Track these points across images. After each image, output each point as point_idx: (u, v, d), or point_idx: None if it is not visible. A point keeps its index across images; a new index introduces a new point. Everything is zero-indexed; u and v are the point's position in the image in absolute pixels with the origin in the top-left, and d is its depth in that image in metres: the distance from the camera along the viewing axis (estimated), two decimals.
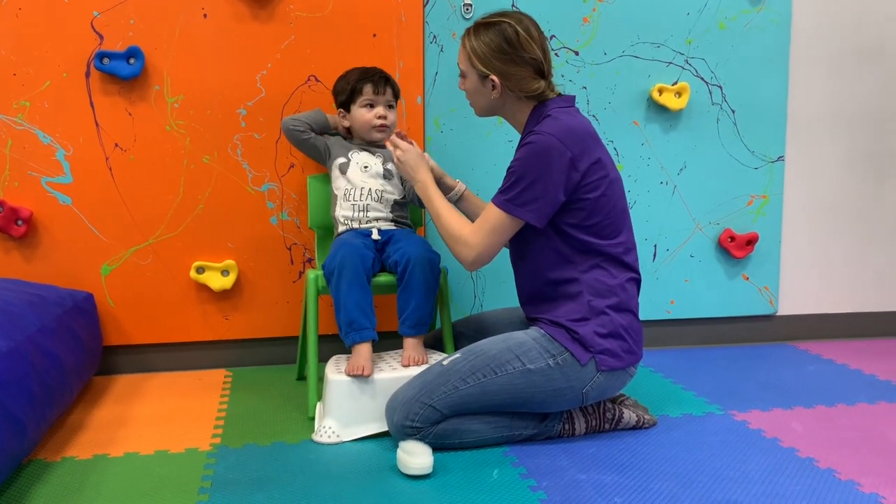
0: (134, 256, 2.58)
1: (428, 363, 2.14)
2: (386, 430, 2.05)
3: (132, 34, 2.48)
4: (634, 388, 2.40)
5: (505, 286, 2.75)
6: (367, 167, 2.37)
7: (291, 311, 2.68)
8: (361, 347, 2.12)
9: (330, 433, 2.06)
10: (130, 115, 2.52)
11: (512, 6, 2.66)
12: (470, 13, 2.65)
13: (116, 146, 2.53)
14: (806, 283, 3.02)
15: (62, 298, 2.31)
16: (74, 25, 2.45)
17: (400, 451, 1.86)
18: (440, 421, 1.96)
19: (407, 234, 2.33)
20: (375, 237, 2.28)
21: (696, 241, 2.91)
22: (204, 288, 2.62)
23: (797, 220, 2.98)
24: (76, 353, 2.22)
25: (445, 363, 2.01)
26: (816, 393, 2.41)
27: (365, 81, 2.35)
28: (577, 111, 2.07)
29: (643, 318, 2.17)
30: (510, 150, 2.69)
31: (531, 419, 2.04)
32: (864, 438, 2.06)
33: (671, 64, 2.80)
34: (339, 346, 2.32)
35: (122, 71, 2.46)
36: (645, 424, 2.13)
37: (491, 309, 2.55)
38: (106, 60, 2.46)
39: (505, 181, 2.00)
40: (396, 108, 2.43)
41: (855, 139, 2.99)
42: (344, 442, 2.06)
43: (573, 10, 2.72)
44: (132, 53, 2.47)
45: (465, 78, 2.11)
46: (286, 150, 2.59)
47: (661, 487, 1.78)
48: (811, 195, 2.98)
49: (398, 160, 2.20)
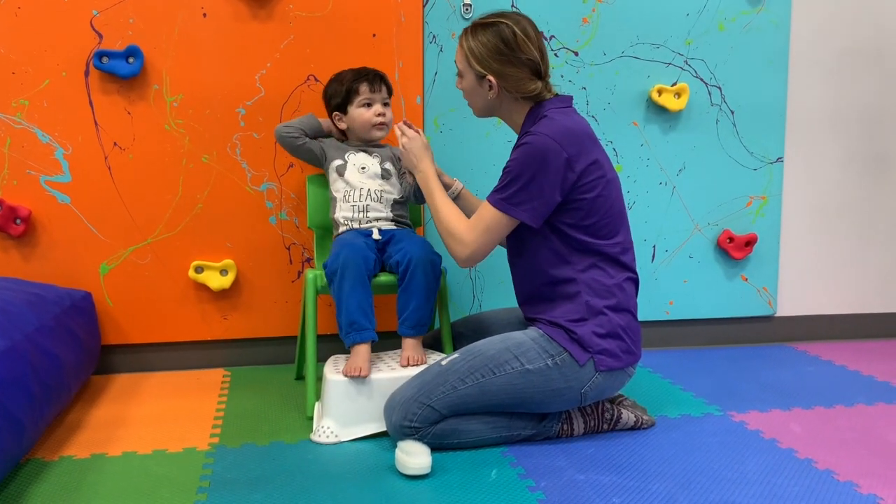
0: (132, 256, 2.57)
1: (427, 363, 2.14)
2: (384, 430, 2.04)
3: (131, 33, 2.48)
4: (633, 388, 2.40)
5: (503, 286, 2.75)
6: (364, 168, 2.36)
7: (290, 310, 2.68)
8: (361, 348, 2.12)
9: (328, 433, 2.06)
10: (129, 114, 2.52)
11: (511, 6, 2.66)
12: (469, 13, 2.65)
13: (115, 145, 2.53)
14: (805, 284, 3.02)
15: (60, 297, 2.31)
16: (74, 24, 2.45)
17: (398, 451, 1.86)
18: (439, 421, 1.96)
19: (408, 234, 2.33)
20: (376, 237, 2.28)
21: (695, 241, 2.91)
22: (202, 287, 2.62)
23: (796, 221, 2.98)
24: (74, 352, 2.22)
25: (444, 363, 2.00)
26: (815, 394, 2.41)
27: (360, 81, 2.35)
28: (574, 111, 2.07)
29: (642, 318, 2.17)
30: (509, 150, 2.67)
31: (530, 419, 2.04)
32: (862, 439, 2.06)
33: (670, 65, 2.80)
34: (337, 345, 2.32)
35: (121, 70, 2.46)
36: (643, 425, 2.13)
37: (490, 309, 2.55)
38: (105, 59, 2.46)
39: (500, 180, 2.01)
40: (391, 106, 2.43)
41: (854, 140, 2.99)
42: (342, 442, 2.05)
43: (573, 10, 2.72)
44: (131, 52, 2.47)
45: (462, 78, 2.11)
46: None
47: (659, 488, 1.78)
48: (810, 196, 2.98)
49: (403, 147, 2.19)
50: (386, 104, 2.40)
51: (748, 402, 2.34)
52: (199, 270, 2.60)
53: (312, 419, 2.17)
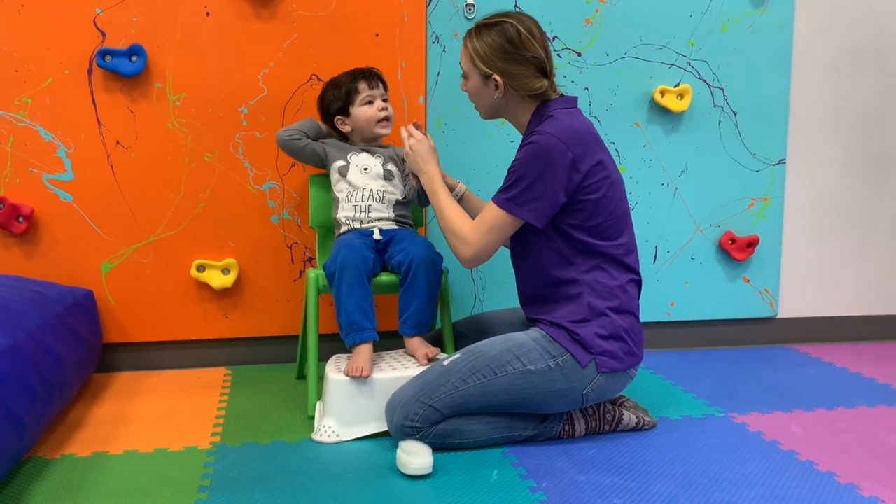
0: (135, 254, 2.58)
1: (437, 355, 2.15)
2: (386, 429, 2.04)
3: (134, 32, 2.48)
4: (634, 389, 2.40)
5: (505, 286, 2.75)
6: (367, 169, 2.36)
7: (292, 309, 2.68)
8: (362, 348, 2.12)
9: (329, 433, 2.06)
10: (132, 112, 2.52)
11: (514, 7, 2.66)
12: (472, 13, 2.65)
13: (118, 144, 2.53)
14: (806, 285, 3.02)
15: (62, 296, 2.31)
16: (77, 23, 2.45)
17: (400, 450, 1.86)
18: (440, 421, 1.96)
19: (410, 234, 2.33)
20: (377, 237, 2.28)
21: (696, 243, 2.91)
22: (204, 286, 2.62)
23: (798, 222, 2.98)
24: (76, 350, 2.22)
25: (446, 363, 2.00)
26: (816, 396, 2.41)
27: (358, 80, 2.36)
28: (578, 112, 2.07)
29: (643, 319, 2.17)
30: (512, 150, 2.68)
31: (531, 420, 2.04)
32: (863, 442, 2.06)
33: (673, 66, 2.80)
34: (339, 345, 2.32)
35: (124, 68, 2.46)
36: (645, 426, 2.13)
37: (491, 309, 2.55)
38: (108, 58, 2.46)
39: (506, 180, 2.01)
40: (390, 101, 2.43)
41: (856, 142, 2.99)
42: (343, 441, 2.05)
43: (576, 11, 2.72)
44: (134, 51, 2.47)
45: (467, 79, 2.11)
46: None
47: (660, 489, 1.78)
48: (812, 198, 2.98)
49: (409, 149, 2.19)
50: (385, 99, 2.40)
51: (749, 403, 2.34)
52: (200, 269, 2.60)
53: (314, 418, 2.17)
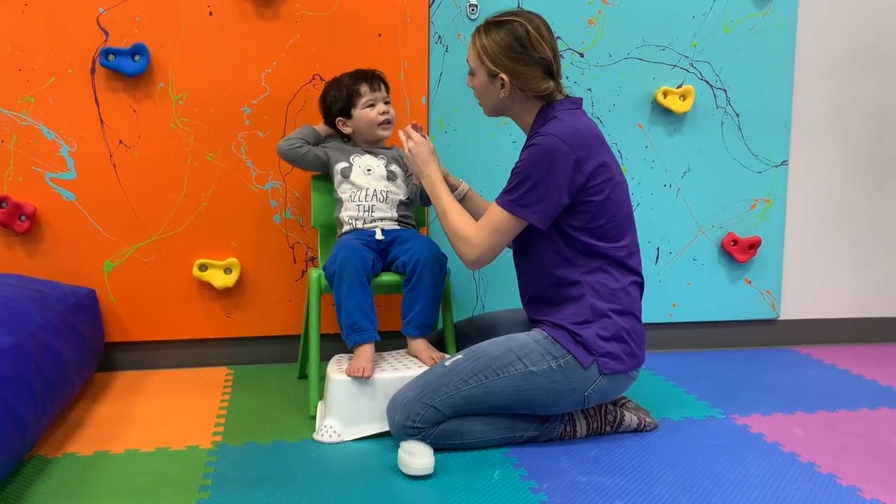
0: (137, 253, 2.58)
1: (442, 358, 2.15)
2: (387, 430, 2.04)
3: (138, 31, 2.48)
4: (636, 390, 2.39)
5: (507, 287, 2.75)
6: (370, 170, 2.36)
7: (293, 309, 2.68)
8: (363, 348, 2.12)
9: (331, 432, 2.06)
10: (135, 111, 2.52)
11: (518, 6, 2.65)
12: (475, 13, 2.65)
13: (120, 143, 2.53)
14: (808, 287, 3.02)
15: (65, 294, 2.31)
16: (80, 22, 2.45)
17: (401, 451, 1.86)
18: (441, 422, 1.96)
19: (413, 234, 2.33)
20: (379, 237, 2.28)
21: (698, 244, 2.90)
22: (206, 285, 2.62)
23: (800, 224, 2.98)
24: (78, 349, 2.22)
25: (447, 364, 2.00)
26: (818, 398, 2.41)
27: (360, 82, 2.35)
28: (583, 113, 2.06)
29: (645, 320, 2.17)
30: (514, 151, 2.69)
31: (532, 421, 2.04)
32: (865, 444, 2.06)
33: (676, 67, 2.80)
34: (340, 345, 2.32)
35: (127, 68, 2.47)
36: (646, 427, 2.13)
37: (493, 310, 2.55)
38: (111, 57, 2.46)
39: (509, 181, 2.00)
40: (391, 103, 2.42)
41: (859, 144, 2.99)
42: (345, 441, 2.06)
43: (579, 12, 2.72)
44: (137, 50, 2.47)
45: (473, 76, 2.10)
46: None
47: (661, 491, 1.78)
48: (815, 199, 2.98)
49: (409, 151, 2.18)
50: (387, 102, 2.40)
51: (751, 405, 2.34)
52: (203, 268, 2.60)
53: (315, 418, 2.17)
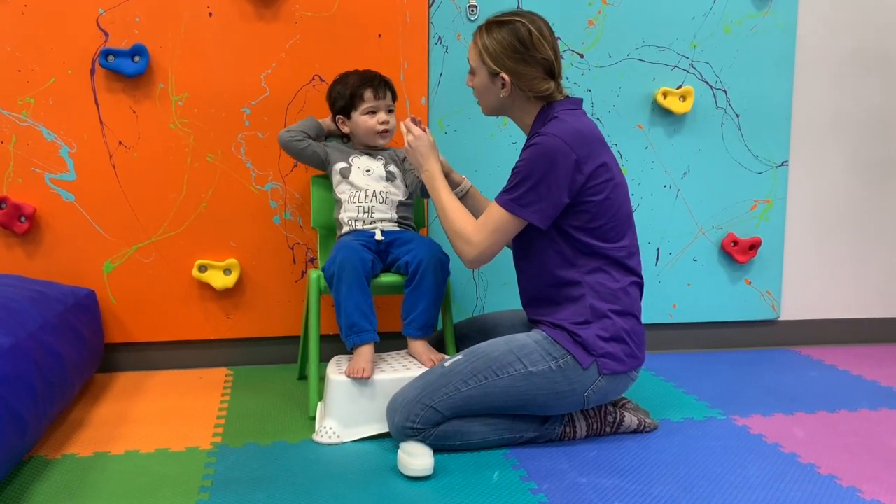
0: (136, 254, 2.58)
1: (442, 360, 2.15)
2: (387, 430, 2.04)
3: (137, 32, 2.48)
4: (636, 391, 2.39)
5: (507, 288, 2.74)
6: (369, 171, 2.36)
7: (293, 310, 2.68)
8: (363, 349, 2.12)
9: (331, 433, 2.06)
10: (135, 112, 2.52)
11: (518, 7, 2.65)
12: (475, 14, 2.65)
13: (120, 144, 2.53)
14: (808, 288, 3.02)
15: (64, 295, 2.31)
16: (80, 23, 2.45)
17: (400, 452, 1.86)
18: (441, 422, 1.96)
19: (415, 235, 2.33)
20: (379, 238, 2.28)
21: (698, 245, 2.90)
22: (206, 286, 2.62)
23: (800, 225, 2.98)
24: (78, 349, 2.22)
25: (447, 364, 2.00)
26: (818, 398, 2.41)
27: (365, 87, 2.33)
28: (583, 114, 2.06)
29: (645, 321, 2.17)
30: (514, 151, 2.69)
31: (532, 422, 2.03)
32: (865, 445, 2.06)
33: (676, 67, 2.80)
34: (340, 346, 2.32)
35: (126, 69, 2.47)
36: (646, 428, 2.13)
37: (493, 311, 2.55)
38: (111, 58, 2.46)
39: (509, 181, 2.00)
40: (395, 110, 2.41)
41: (859, 144, 2.99)
42: (345, 442, 2.05)
43: (578, 12, 2.72)
44: (137, 51, 2.47)
45: (473, 75, 2.09)
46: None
47: (661, 492, 1.78)
48: (815, 200, 2.98)
49: (408, 145, 2.16)
50: (390, 110, 2.38)
51: (751, 406, 2.33)
52: (202, 269, 2.60)
53: (315, 419, 2.17)
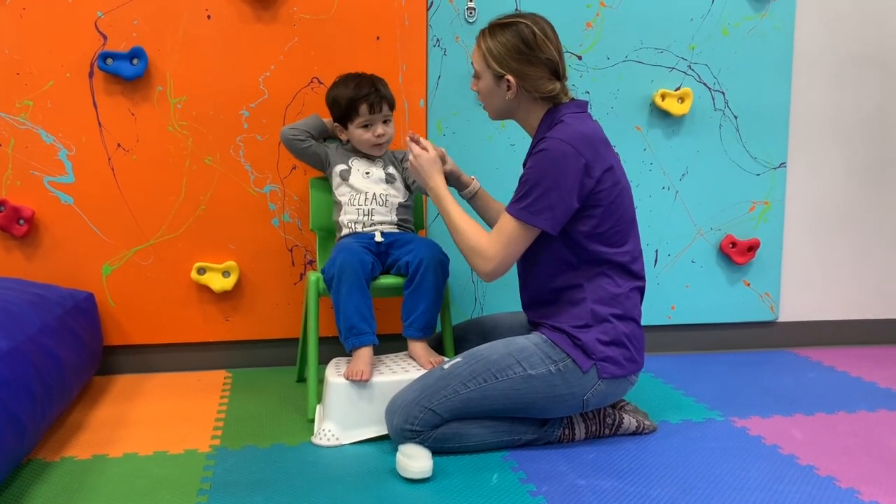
0: (135, 257, 2.58)
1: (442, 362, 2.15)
2: (385, 433, 2.04)
3: (136, 35, 2.48)
4: (635, 393, 2.39)
5: (506, 290, 2.74)
6: (368, 173, 2.36)
7: (292, 312, 2.68)
8: (362, 352, 2.12)
9: (329, 436, 2.05)
10: (133, 115, 2.52)
11: (516, 10, 2.66)
12: (473, 17, 2.65)
13: (119, 146, 2.53)
14: (807, 289, 3.02)
15: (63, 298, 2.31)
16: (78, 26, 2.45)
17: (399, 454, 1.86)
18: (440, 425, 1.95)
19: (414, 236, 2.33)
20: (378, 239, 2.28)
21: (697, 246, 2.90)
22: (205, 289, 2.62)
23: (799, 226, 2.98)
24: (77, 352, 2.22)
25: (446, 367, 2.00)
26: (817, 400, 2.41)
27: (360, 102, 2.30)
28: (588, 117, 2.05)
29: (644, 323, 2.17)
30: (512, 153, 2.70)
31: (531, 424, 2.03)
32: (864, 446, 2.06)
33: (674, 69, 2.80)
34: (339, 348, 2.32)
35: (125, 71, 2.47)
36: (645, 430, 2.13)
37: (492, 313, 2.55)
38: (109, 61, 2.46)
39: (518, 190, 1.97)
40: (393, 117, 2.39)
41: (857, 146, 2.99)
42: (343, 445, 2.05)
43: (576, 14, 2.72)
44: (136, 54, 2.47)
45: (478, 79, 2.07)
46: (288, 152, 2.58)
47: (660, 494, 1.78)
48: (813, 202, 2.98)
49: (411, 164, 2.14)
50: (387, 121, 2.35)
51: (750, 407, 2.33)
52: (201, 272, 2.60)
53: (313, 422, 2.17)
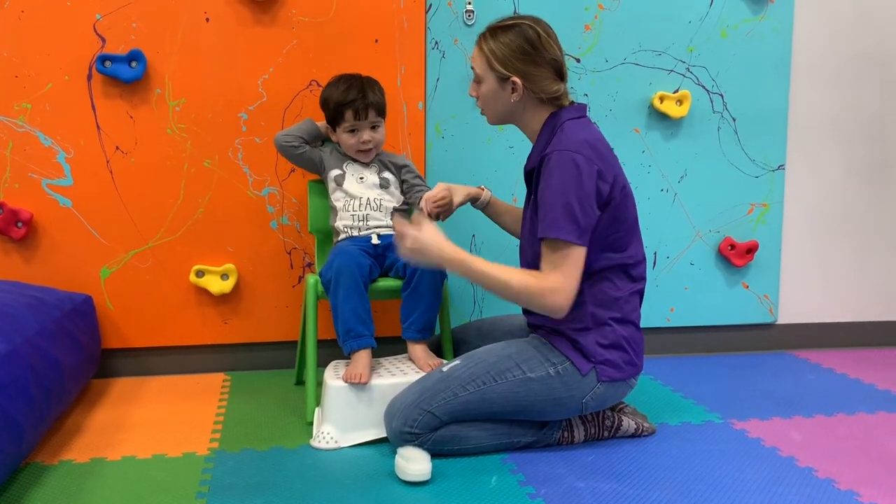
0: (134, 259, 2.57)
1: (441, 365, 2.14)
2: (384, 436, 2.04)
3: (134, 37, 2.48)
4: (634, 395, 2.39)
5: None
6: (363, 178, 2.36)
7: (291, 315, 2.67)
8: (360, 354, 2.12)
9: (328, 439, 2.05)
10: (132, 118, 2.52)
11: (514, 12, 2.66)
12: (472, 20, 2.65)
13: (117, 149, 2.53)
14: (806, 291, 3.02)
15: (61, 301, 2.31)
16: (77, 28, 2.45)
17: (398, 457, 1.86)
18: (439, 427, 1.95)
19: None
20: (375, 242, 2.28)
21: (696, 248, 2.90)
22: (203, 291, 2.62)
23: (797, 228, 2.98)
24: (75, 355, 2.22)
25: (445, 369, 2.00)
26: (816, 402, 2.41)
27: (346, 107, 2.28)
28: (588, 121, 2.03)
29: (643, 325, 2.16)
30: (511, 156, 2.70)
31: (530, 426, 2.03)
32: (863, 448, 2.06)
33: (672, 72, 2.81)
34: (338, 351, 2.31)
35: (123, 74, 2.47)
36: (644, 432, 2.13)
37: (491, 315, 2.54)
38: (108, 63, 2.46)
39: (541, 211, 1.90)
40: (383, 123, 2.36)
41: (856, 148, 2.99)
42: (342, 448, 2.05)
43: (575, 17, 2.72)
44: (134, 56, 2.47)
45: (479, 83, 2.03)
46: None
47: (659, 496, 1.78)
48: (812, 204, 2.98)
49: (409, 253, 1.94)
50: (374, 127, 2.33)
51: (749, 409, 2.33)
52: (199, 274, 2.59)
53: (312, 424, 2.17)
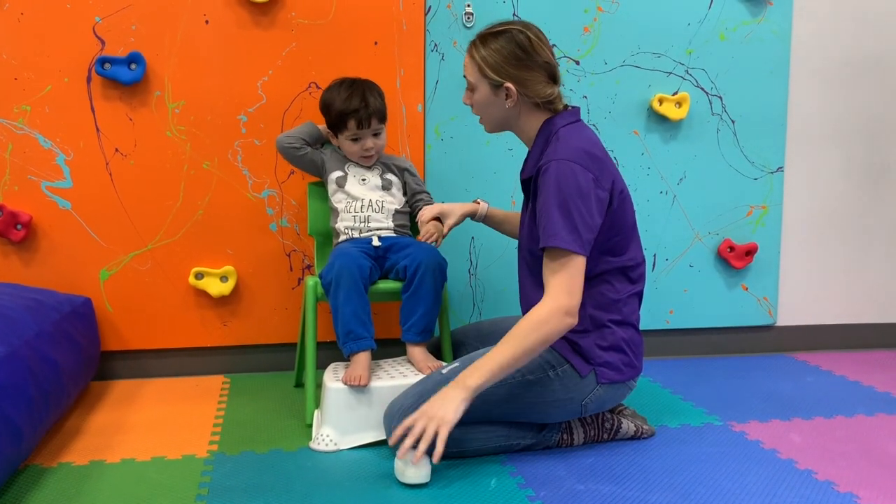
0: (133, 262, 2.57)
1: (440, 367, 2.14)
2: (384, 438, 2.04)
3: (134, 40, 2.48)
4: (633, 398, 2.39)
5: (505, 295, 2.75)
6: (365, 180, 2.36)
7: (290, 317, 2.67)
8: (360, 356, 2.12)
9: (327, 441, 2.05)
10: (131, 120, 2.52)
11: (513, 15, 2.66)
12: (471, 22, 2.65)
13: (117, 151, 2.53)
14: (805, 293, 3.02)
15: (60, 303, 2.31)
16: (76, 30, 2.45)
17: (397, 459, 1.86)
18: None
19: (412, 240, 2.33)
20: (376, 244, 2.28)
21: (695, 251, 2.91)
22: (202, 294, 2.62)
23: (797, 230, 2.98)
24: (74, 358, 2.21)
25: (444, 372, 2.00)
26: (815, 404, 2.41)
27: (349, 117, 2.28)
28: (583, 125, 2.02)
29: (642, 328, 2.17)
30: (510, 158, 2.70)
31: (529, 428, 2.03)
32: (862, 450, 2.06)
33: (671, 74, 2.81)
34: (337, 353, 2.32)
35: (123, 76, 2.47)
36: (643, 435, 2.13)
37: (490, 317, 2.54)
38: (107, 66, 2.46)
39: (540, 222, 1.90)
40: (385, 128, 2.37)
41: (855, 150, 3.00)
42: (341, 450, 2.05)
43: (574, 19, 2.72)
44: (133, 59, 2.47)
45: (473, 91, 2.02)
46: None
47: (659, 498, 1.78)
48: (811, 206, 2.99)
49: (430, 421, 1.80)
50: (376, 134, 2.33)
51: (748, 412, 2.33)
52: (199, 277, 2.59)
53: (311, 427, 2.17)
